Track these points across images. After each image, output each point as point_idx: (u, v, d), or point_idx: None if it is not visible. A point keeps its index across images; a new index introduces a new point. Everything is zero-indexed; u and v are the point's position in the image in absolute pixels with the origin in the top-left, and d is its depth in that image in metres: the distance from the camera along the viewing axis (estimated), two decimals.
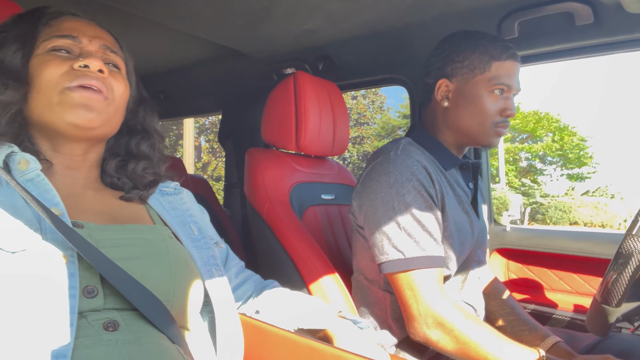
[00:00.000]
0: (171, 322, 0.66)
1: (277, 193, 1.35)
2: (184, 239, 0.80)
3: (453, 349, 0.96)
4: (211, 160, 14.91)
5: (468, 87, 1.11)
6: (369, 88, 1.75)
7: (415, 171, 1.04)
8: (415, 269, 0.99)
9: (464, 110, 1.11)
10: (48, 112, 0.71)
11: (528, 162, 20.19)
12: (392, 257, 1.01)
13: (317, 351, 0.74)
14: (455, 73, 1.12)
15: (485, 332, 0.95)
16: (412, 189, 1.03)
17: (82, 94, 0.70)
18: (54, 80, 0.70)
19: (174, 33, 1.64)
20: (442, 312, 0.96)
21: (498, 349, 0.93)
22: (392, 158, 1.07)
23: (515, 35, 1.39)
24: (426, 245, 1.00)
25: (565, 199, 15.08)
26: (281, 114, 1.41)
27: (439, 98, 1.15)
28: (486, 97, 1.09)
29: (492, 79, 1.08)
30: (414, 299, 0.98)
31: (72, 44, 0.74)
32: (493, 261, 1.73)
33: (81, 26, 0.77)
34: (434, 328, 0.97)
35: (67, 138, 0.74)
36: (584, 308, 1.51)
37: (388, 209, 1.03)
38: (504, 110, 1.10)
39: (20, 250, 0.58)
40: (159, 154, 0.88)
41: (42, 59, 0.72)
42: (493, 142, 1.14)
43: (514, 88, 1.11)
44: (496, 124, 1.11)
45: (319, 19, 1.49)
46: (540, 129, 19.35)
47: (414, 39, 1.56)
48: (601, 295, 0.89)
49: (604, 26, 1.30)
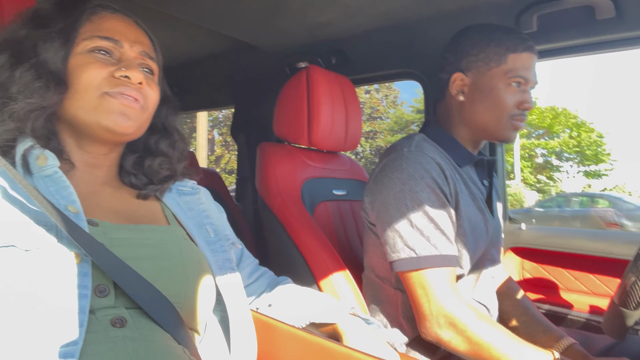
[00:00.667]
0: (179, 323, 0.66)
1: (288, 188, 1.34)
2: (200, 241, 0.79)
3: (465, 350, 0.94)
4: (224, 153, 15.00)
5: (484, 80, 1.09)
6: (382, 82, 1.73)
7: (429, 168, 1.03)
8: (428, 268, 0.97)
9: (481, 104, 1.09)
10: (84, 114, 0.71)
11: (544, 159, 19.93)
12: (403, 255, 0.99)
13: (326, 349, 0.73)
14: (470, 66, 1.10)
15: (498, 333, 0.93)
16: (425, 187, 1.01)
17: (122, 101, 0.71)
18: (94, 84, 0.71)
19: (189, 26, 1.64)
20: (454, 312, 0.95)
21: (511, 351, 0.91)
22: (406, 155, 1.05)
23: (534, 29, 1.36)
24: (439, 243, 0.99)
25: None
26: (293, 108, 1.41)
27: (454, 92, 1.12)
28: (503, 90, 1.07)
29: (509, 72, 1.07)
30: (425, 298, 0.97)
31: (114, 47, 0.74)
32: (507, 260, 1.71)
33: (123, 27, 0.76)
34: (445, 328, 0.95)
35: (96, 139, 0.75)
36: (600, 309, 1.48)
37: (401, 207, 1.01)
38: (522, 103, 1.08)
39: (34, 248, 0.58)
40: (178, 153, 0.87)
41: (83, 59, 0.71)
42: (510, 136, 1.11)
43: (531, 81, 1.09)
44: (513, 117, 1.09)
45: (333, 12, 1.48)
46: (558, 125, 19.07)
47: (428, 33, 1.54)
48: (619, 298, 0.87)
49: (626, 20, 1.26)
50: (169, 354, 0.61)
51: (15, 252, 0.57)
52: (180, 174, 0.88)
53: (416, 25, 1.52)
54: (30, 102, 0.67)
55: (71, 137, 0.75)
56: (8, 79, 0.69)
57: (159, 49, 0.85)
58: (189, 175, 0.90)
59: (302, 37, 1.70)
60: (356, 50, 1.74)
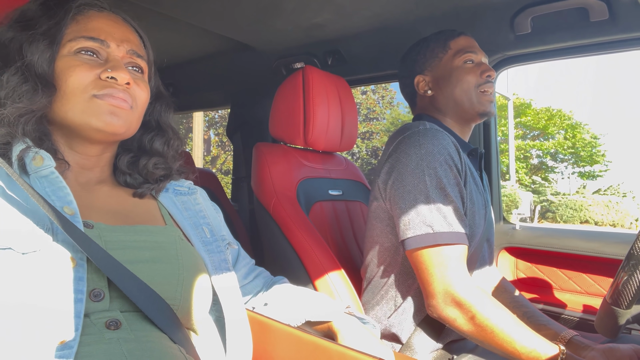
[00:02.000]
0: (176, 323, 0.66)
1: (284, 188, 1.35)
2: (196, 241, 0.79)
3: (469, 330, 0.94)
4: (220, 153, 14.96)
5: (441, 69, 1.21)
6: (378, 83, 1.75)
7: (446, 145, 1.04)
8: (443, 245, 0.97)
9: (447, 87, 1.20)
10: (73, 116, 0.71)
11: (539, 160, 20.00)
12: (420, 231, 0.98)
13: (321, 348, 0.74)
14: (424, 67, 1.25)
15: (505, 317, 0.93)
16: (443, 162, 1.02)
17: (110, 102, 0.71)
18: (81, 87, 0.70)
19: (184, 26, 1.64)
20: (462, 291, 0.94)
21: (517, 336, 0.90)
22: (423, 131, 1.06)
23: (529, 31, 1.37)
24: (453, 221, 0.98)
25: (577, 197, 14.92)
26: (289, 109, 1.41)
27: (422, 92, 1.25)
28: (460, 68, 1.19)
29: (457, 53, 1.20)
30: (435, 276, 0.96)
31: (100, 47, 0.73)
32: (501, 260, 1.72)
33: (109, 26, 0.75)
34: (451, 307, 0.95)
35: (87, 139, 0.75)
36: (593, 309, 1.49)
37: (418, 182, 1.01)
38: (482, 73, 1.18)
39: (31, 251, 0.58)
40: (173, 152, 0.87)
41: (69, 62, 0.71)
42: (487, 108, 1.19)
43: (479, 54, 1.21)
44: (479, 86, 1.18)
45: (328, 12, 1.48)
46: (552, 126, 19.14)
47: (424, 34, 1.54)
48: (611, 297, 0.87)
49: (619, 22, 1.28)
50: (164, 353, 0.61)
51: (12, 255, 0.57)
52: (175, 172, 0.87)
53: (412, 26, 1.53)
54: (18, 106, 0.66)
55: (62, 138, 0.74)
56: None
57: (149, 46, 0.84)
58: (184, 174, 0.90)
59: (298, 37, 1.70)
60: (352, 51, 1.74)
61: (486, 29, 1.46)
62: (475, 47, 1.21)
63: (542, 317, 1.19)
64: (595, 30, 1.32)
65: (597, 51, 1.40)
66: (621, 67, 41.38)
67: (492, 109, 1.21)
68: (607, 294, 0.89)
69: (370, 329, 0.89)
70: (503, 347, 0.91)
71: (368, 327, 0.89)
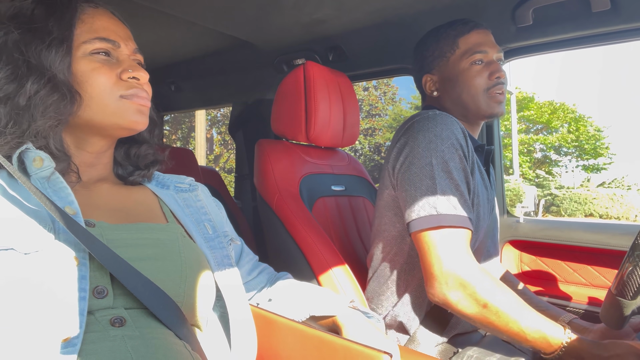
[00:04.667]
0: (181, 319, 0.66)
1: (286, 184, 1.35)
2: (198, 238, 0.80)
3: (472, 312, 0.93)
4: (223, 152, 14.98)
5: (448, 70, 1.18)
6: (379, 78, 1.74)
7: (455, 130, 1.04)
8: (446, 227, 0.96)
9: (453, 90, 1.18)
10: (102, 118, 0.73)
11: (543, 154, 19.93)
12: (423, 213, 0.98)
13: (325, 342, 0.74)
14: (431, 66, 1.22)
15: (509, 298, 0.92)
16: (450, 147, 1.02)
17: (137, 101, 0.75)
18: (107, 89, 0.72)
19: (185, 24, 1.64)
20: (465, 273, 0.93)
21: (521, 317, 0.90)
22: (432, 116, 1.06)
23: (530, 23, 1.36)
24: (457, 205, 0.98)
25: (581, 191, 14.86)
26: (291, 105, 1.41)
27: (429, 92, 1.24)
28: (468, 71, 1.15)
29: (465, 53, 1.15)
30: (437, 257, 0.96)
31: (112, 48, 0.75)
32: (505, 253, 1.71)
33: (114, 26, 0.77)
34: (454, 289, 0.94)
35: (102, 137, 0.76)
36: (599, 300, 1.49)
37: (425, 165, 1.01)
38: (491, 75, 1.15)
39: (33, 251, 0.58)
40: (157, 139, 0.89)
41: (88, 65, 0.71)
42: (495, 109, 1.16)
43: (491, 52, 1.16)
44: (488, 90, 1.15)
45: (328, 8, 1.48)
46: (556, 119, 19.06)
47: (425, 28, 1.53)
48: (616, 288, 0.87)
49: (621, 13, 1.27)
50: (169, 350, 0.61)
51: (14, 255, 0.57)
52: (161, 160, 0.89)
53: (412, 20, 1.52)
54: (50, 117, 0.67)
55: (71, 138, 0.75)
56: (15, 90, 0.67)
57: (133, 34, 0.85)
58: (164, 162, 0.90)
59: (299, 33, 1.70)
60: (353, 46, 1.74)
61: (487, 21, 1.44)
62: (486, 43, 1.16)
63: (541, 302, 1.20)
64: (597, 20, 1.31)
65: (600, 42, 1.39)
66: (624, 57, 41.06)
67: (500, 110, 1.17)
68: (612, 285, 0.89)
69: (374, 322, 0.89)
70: (508, 327, 0.90)
71: (372, 321, 0.89)
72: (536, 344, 0.90)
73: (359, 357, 0.68)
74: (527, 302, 1.20)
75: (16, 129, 0.67)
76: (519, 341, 0.91)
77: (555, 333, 0.89)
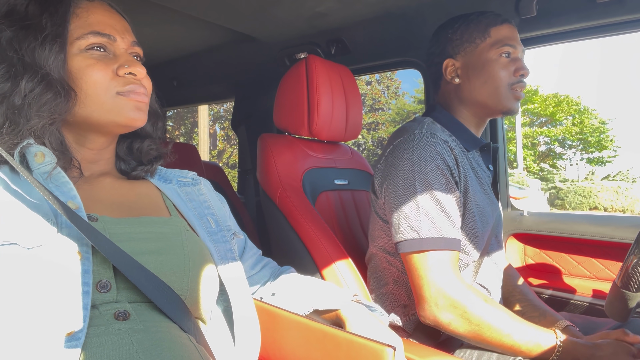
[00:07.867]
0: (185, 312, 0.67)
1: (289, 178, 1.35)
2: (201, 232, 0.80)
3: (465, 331, 0.95)
4: (226, 147, 14.99)
5: (474, 58, 1.12)
6: (382, 72, 1.73)
7: (440, 150, 1.03)
8: (430, 250, 0.97)
9: (477, 79, 1.12)
10: (98, 115, 0.72)
11: (547, 147, 19.85)
12: (407, 236, 0.99)
13: (329, 335, 0.74)
14: (457, 50, 1.15)
15: (499, 313, 0.94)
16: (435, 168, 1.01)
17: (134, 98, 0.74)
18: (103, 86, 0.71)
19: (186, 19, 1.63)
20: (455, 294, 0.95)
21: (513, 331, 0.92)
22: (417, 136, 1.05)
23: (534, 14, 1.35)
24: (443, 227, 0.98)
25: (585, 184, 14.80)
26: (293, 99, 1.40)
27: (449, 78, 1.16)
28: (495, 62, 1.10)
29: (495, 43, 1.10)
30: (425, 279, 0.97)
31: (108, 42, 0.73)
32: (510, 246, 1.71)
33: (109, 19, 0.75)
34: (445, 310, 0.95)
35: (102, 134, 0.76)
36: (603, 293, 1.48)
37: (408, 187, 1.01)
38: (516, 71, 1.11)
39: (36, 246, 0.58)
40: (160, 132, 0.88)
41: (83, 61, 0.71)
42: (513, 106, 1.13)
43: (518, 48, 1.12)
44: (512, 85, 1.11)
45: (330, 1, 1.47)
46: (560, 112, 18.96)
47: (428, 20, 1.53)
48: (621, 280, 0.87)
49: (627, 3, 1.25)
50: (174, 342, 0.61)
51: (17, 250, 0.57)
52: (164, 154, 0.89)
53: (415, 12, 1.51)
54: (44, 115, 0.67)
55: (71, 135, 0.75)
56: (10, 89, 0.67)
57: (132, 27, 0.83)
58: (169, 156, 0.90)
59: (301, 27, 1.69)
60: (355, 39, 1.73)
61: None
62: (515, 39, 1.12)
63: (540, 307, 1.19)
64: (602, 11, 1.30)
65: (605, 33, 1.38)
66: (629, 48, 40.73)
67: (517, 107, 1.14)
68: (616, 277, 0.89)
69: (378, 316, 0.89)
70: (502, 342, 0.92)
71: (376, 314, 0.90)
72: (532, 354, 0.92)
73: (362, 351, 0.69)
74: (525, 301, 1.21)
75: (13, 128, 0.66)
76: (515, 353, 0.93)
77: (548, 339, 0.92)
